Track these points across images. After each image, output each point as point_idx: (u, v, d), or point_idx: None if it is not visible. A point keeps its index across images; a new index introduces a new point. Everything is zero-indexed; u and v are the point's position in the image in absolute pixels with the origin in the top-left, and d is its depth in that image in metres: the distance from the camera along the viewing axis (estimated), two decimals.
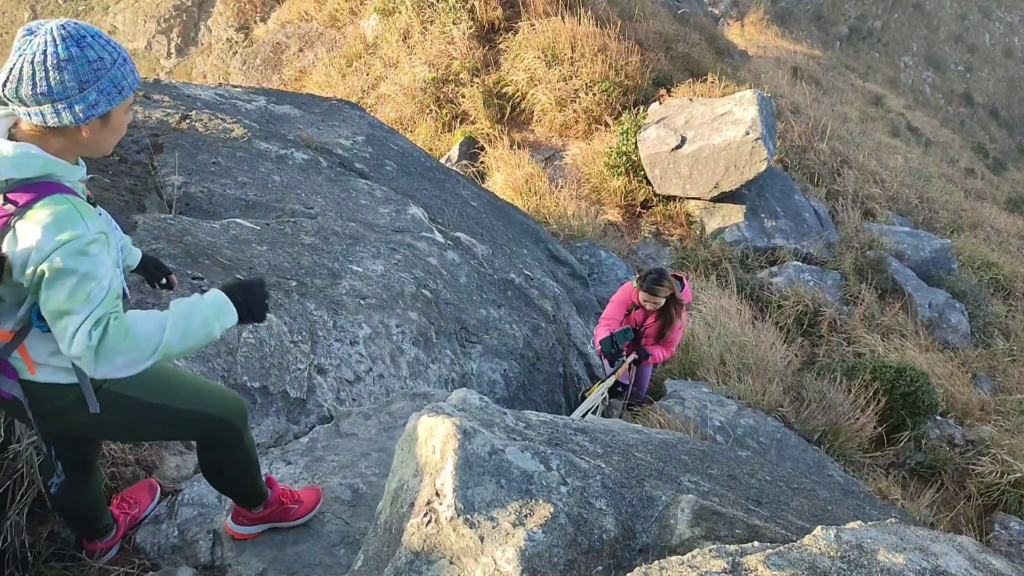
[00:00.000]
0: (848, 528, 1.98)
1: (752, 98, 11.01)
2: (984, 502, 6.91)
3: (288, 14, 20.35)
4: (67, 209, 1.95)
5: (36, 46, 1.88)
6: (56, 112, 1.92)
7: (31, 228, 1.91)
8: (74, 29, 1.91)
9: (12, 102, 1.93)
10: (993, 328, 10.89)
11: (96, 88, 1.95)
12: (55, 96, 1.90)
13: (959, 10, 38.59)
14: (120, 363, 1.99)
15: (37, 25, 1.92)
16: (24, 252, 1.92)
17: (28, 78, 1.88)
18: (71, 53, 1.90)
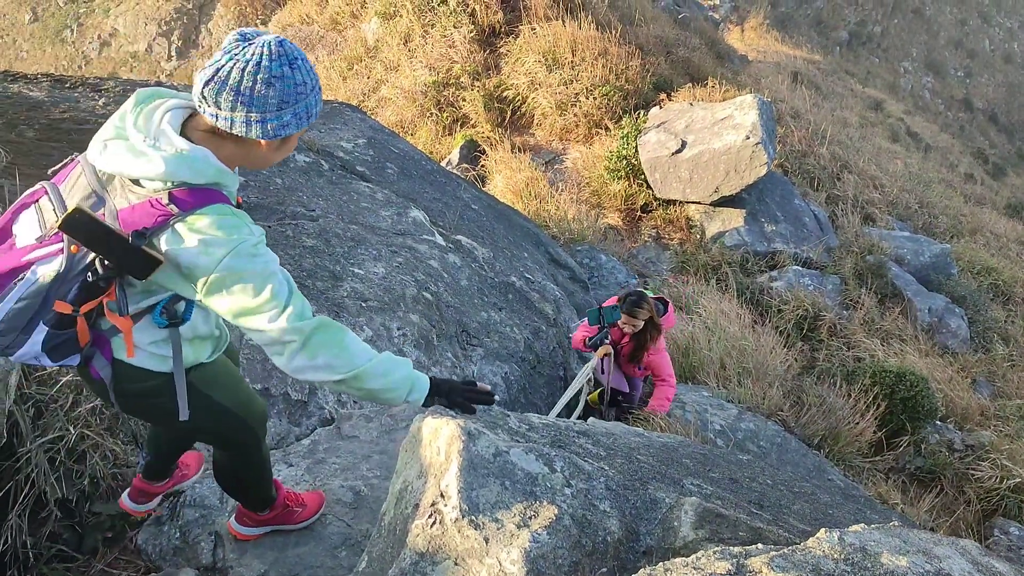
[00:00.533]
0: (851, 531, 1.99)
1: (752, 103, 11.02)
2: (984, 507, 6.91)
3: (289, 17, 20.37)
4: (229, 218, 1.99)
5: (251, 55, 1.90)
6: (247, 122, 1.95)
7: (195, 237, 1.95)
8: (289, 49, 1.96)
9: (205, 102, 1.94)
10: (993, 333, 10.90)
11: (292, 110, 1.99)
12: (254, 107, 1.93)
13: (959, 15, 38.66)
14: (320, 362, 2.06)
15: (253, 33, 1.96)
16: (186, 256, 1.96)
17: (234, 83, 1.90)
18: (283, 71, 1.93)
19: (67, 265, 1.97)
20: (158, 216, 1.94)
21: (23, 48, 28.58)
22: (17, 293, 1.97)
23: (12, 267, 1.97)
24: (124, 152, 1.94)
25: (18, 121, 5.48)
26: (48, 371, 3.29)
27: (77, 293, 2.01)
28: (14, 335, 2.02)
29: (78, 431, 3.23)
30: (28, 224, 2.03)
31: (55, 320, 2.02)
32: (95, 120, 5.84)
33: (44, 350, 2.07)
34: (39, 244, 1.98)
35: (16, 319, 1.99)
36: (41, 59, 27.61)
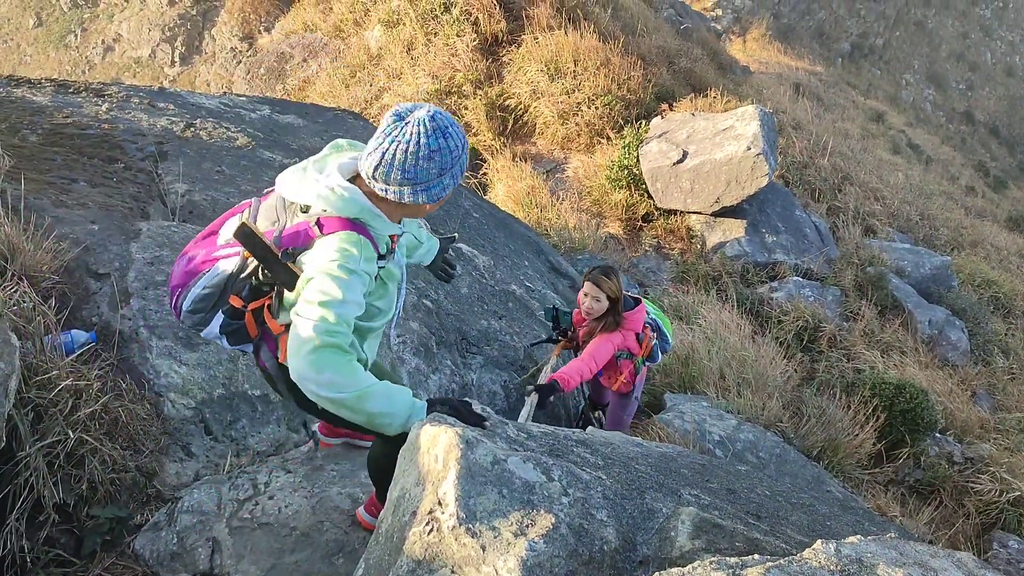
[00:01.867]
0: (848, 542, 1.98)
1: (754, 113, 11.04)
2: (983, 520, 6.90)
3: (292, 24, 20.42)
4: (355, 242, 2.28)
5: (409, 135, 2.18)
6: (414, 193, 2.27)
7: (320, 251, 2.27)
8: (441, 121, 2.22)
9: (376, 181, 2.26)
10: (993, 346, 10.90)
11: (450, 174, 2.30)
12: (419, 181, 2.23)
13: (960, 29, 38.75)
14: (325, 378, 2.24)
15: (406, 111, 2.22)
16: (308, 259, 2.30)
17: (399, 165, 2.20)
18: (439, 145, 2.21)
19: (240, 266, 2.44)
20: (305, 238, 2.30)
21: (27, 52, 28.66)
22: (205, 281, 2.48)
23: (206, 259, 2.48)
24: (300, 182, 2.33)
25: (21, 126, 5.50)
26: (48, 375, 3.29)
27: (247, 292, 2.48)
28: (203, 315, 2.54)
29: (77, 435, 3.23)
30: (229, 228, 2.47)
31: (229, 310, 2.50)
32: (98, 125, 5.86)
33: (221, 333, 2.54)
34: (227, 245, 2.46)
35: (204, 302, 2.51)
36: (45, 64, 27.68)
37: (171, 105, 6.83)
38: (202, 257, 2.50)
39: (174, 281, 2.58)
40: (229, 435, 3.83)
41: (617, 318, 4.57)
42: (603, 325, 4.58)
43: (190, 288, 2.51)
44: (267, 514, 3.38)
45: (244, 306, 2.48)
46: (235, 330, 2.53)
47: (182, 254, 2.58)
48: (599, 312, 4.57)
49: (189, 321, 2.59)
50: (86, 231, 4.41)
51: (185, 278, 2.53)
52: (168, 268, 4.38)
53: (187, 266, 2.53)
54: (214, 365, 3.98)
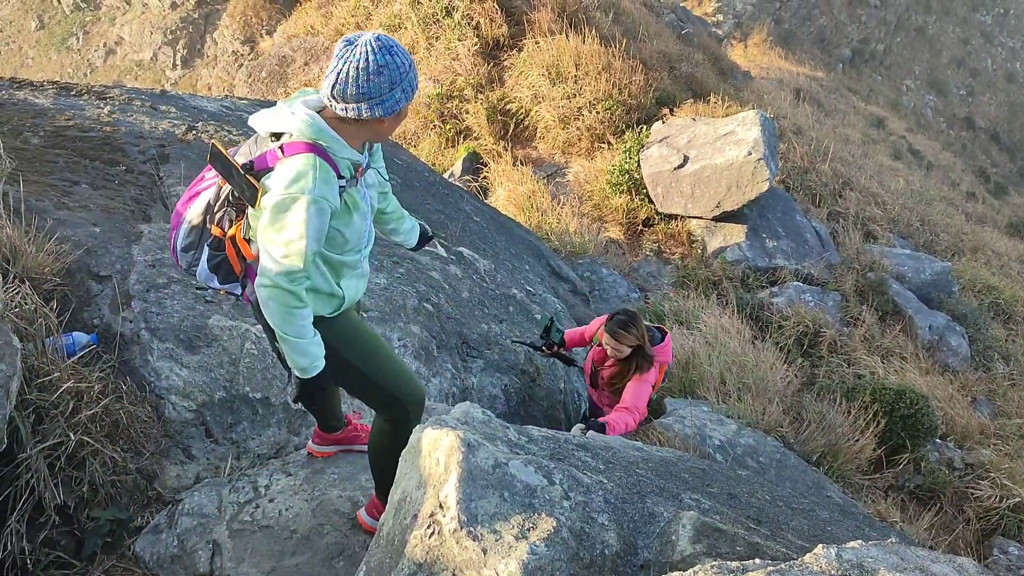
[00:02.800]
0: (849, 547, 1.99)
1: (755, 119, 11.05)
2: (983, 526, 6.90)
3: (294, 28, 20.44)
4: (309, 166, 2.43)
5: (359, 54, 2.38)
6: (370, 108, 2.43)
7: (279, 172, 2.43)
8: (386, 41, 2.42)
9: (334, 100, 2.43)
10: (993, 352, 10.89)
11: (400, 88, 2.45)
12: (371, 95, 2.40)
13: (961, 35, 38.80)
14: (269, 310, 2.56)
15: (355, 37, 2.42)
16: (266, 182, 2.46)
17: (352, 81, 2.38)
18: (386, 61, 2.39)
19: (216, 193, 2.60)
20: (272, 159, 2.46)
21: (29, 55, 28.69)
22: (190, 213, 2.64)
23: (190, 196, 2.68)
24: (269, 116, 2.53)
25: (23, 128, 5.51)
26: (49, 377, 3.29)
27: (223, 220, 2.60)
28: (194, 252, 2.67)
29: (78, 437, 3.23)
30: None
31: (212, 242, 2.62)
32: (100, 128, 5.87)
33: (210, 269, 2.65)
34: (203, 179, 2.67)
35: (192, 236, 2.65)
36: (47, 66, 27.71)
37: (173, 108, 6.85)
38: (188, 196, 2.70)
39: (172, 223, 2.77)
40: (230, 438, 3.83)
41: (648, 360, 4.51)
42: (635, 367, 4.52)
43: (179, 226, 2.69)
44: (267, 517, 3.39)
45: (223, 234, 2.61)
46: (220, 263, 2.66)
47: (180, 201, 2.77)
48: (624, 355, 4.54)
49: (185, 261, 2.73)
50: (88, 233, 4.41)
51: (176, 218, 2.72)
52: (169, 271, 4.39)
53: (177, 207, 2.74)
54: (215, 368, 3.98)
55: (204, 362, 3.98)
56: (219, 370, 3.99)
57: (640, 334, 4.46)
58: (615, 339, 4.45)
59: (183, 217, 2.71)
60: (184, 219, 2.69)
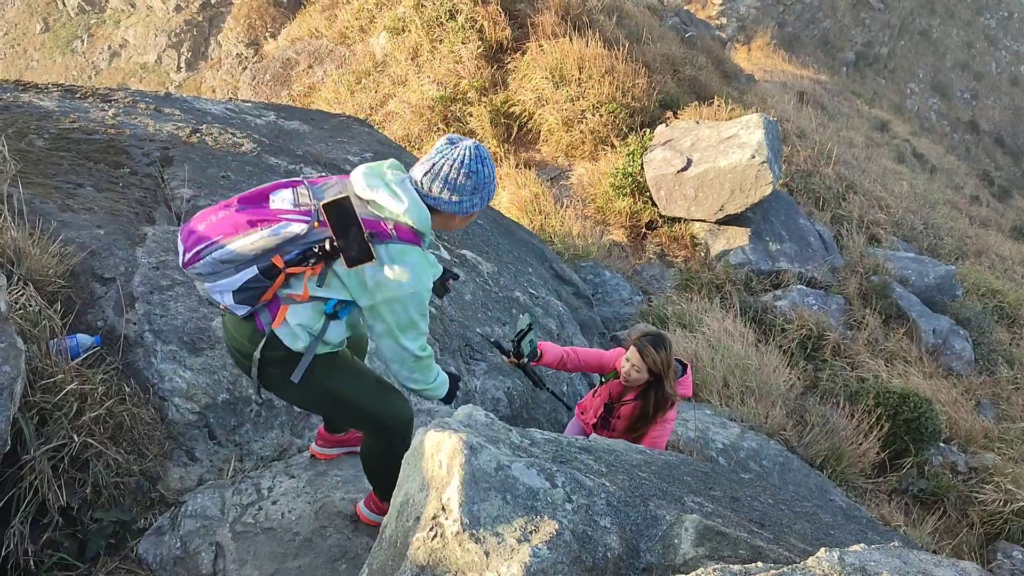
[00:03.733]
0: (852, 551, 1.98)
1: (758, 122, 11.04)
2: (987, 531, 6.88)
3: (298, 31, 20.48)
4: (425, 264, 2.74)
5: (456, 155, 2.70)
6: (450, 204, 2.74)
7: (396, 264, 2.66)
8: (482, 151, 2.75)
9: (423, 186, 2.72)
10: (997, 356, 10.87)
11: (480, 195, 2.78)
12: (458, 192, 2.72)
13: (965, 38, 38.77)
14: (416, 376, 2.93)
15: (457, 139, 2.76)
16: (384, 273, 2.66)
17: (444, 176, 2.69)
18: (476, 168, 2.72)
19: (306, 232, 2.64)
20: (383, 235, 2.65)
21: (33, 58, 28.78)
22: (262, 233, 2.62)
23: (264, 218, 2.64)
24: (384, 190, 2.67)
25: (28, 130, 5.52)
26: (53, 379, 3.30)
27: (294, 257, 2.66)
28: (232, 267, 2.67)
29: (81, 439, 3.24)
30: (283, 198, 2.69)
31: (266, 268, 2.65)
32: (104, 130, 5.88)
33: (238, 288, 2.68)
34: (294, 210, 2.66)
35: (244, 255, 2.64)
36: (51, 69, 27.79)
37: (177, 111, 6.86)
38: (260, 216, 2.65)
39: (213, 231, 2.66)
40: (233, 440, 3.84)
41: (668, 396, 4.09)
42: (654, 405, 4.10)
43: (239, 237, 2.63)
44: (270, 519, 3.39)
45: (283, 268, 2.66)
46: (254, 289, 2.70)
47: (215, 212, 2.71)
48: (637, 383, 4.11)
49: (207, 269, 2.69)
50: (92, 236, 4.42)
51: (232, 229, 2.64)
52: (173, 273, 4.39)
53: (235, 219, 2.65)
54: (218, 370, 3.99)
55: (207, 364, 3.98)
56: (222, 372, 4.00)
57: (662, 361, 4.01)
58: (641, 356, 4.01)
59: (250, 231, 2.65)
60: (251, 235, 2.63)
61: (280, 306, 2.75)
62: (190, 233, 2.71)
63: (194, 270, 2.73)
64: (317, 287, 2.71)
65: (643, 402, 4.12)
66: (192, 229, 2.71)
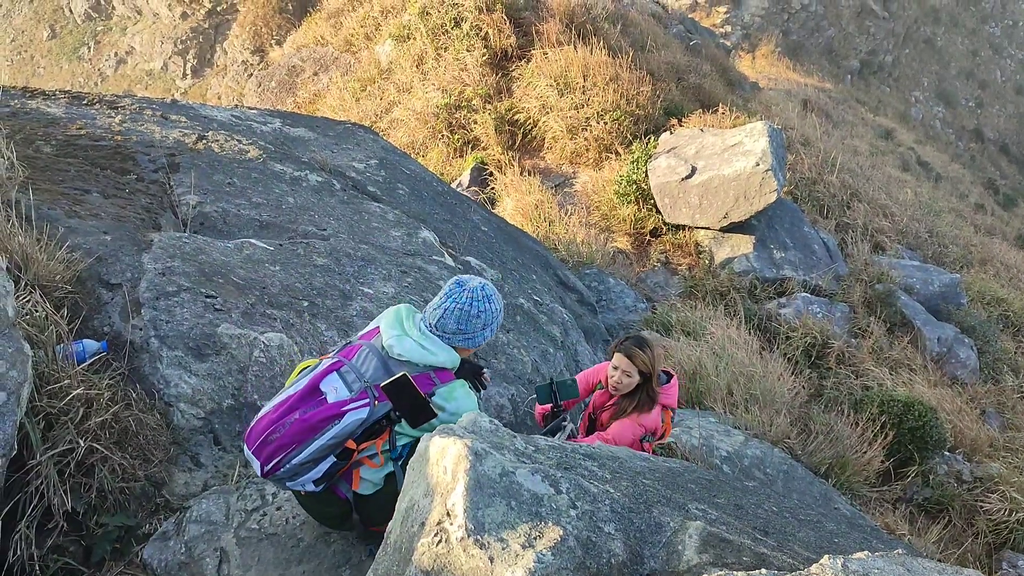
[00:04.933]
0: (855, 558, 1.98)
1: (763, 129, 11.05)
2: (992, 540, 6.85)
3: (304, 38, 20.57)
4: (466, 389, 3.01)
5: (464, 298, 2.99)
6: (463, 340, 3.03)
7: (453, 399, 2.93)
8: (489, 291, 3.06)
9: (436, 328, 3.00)
10: (1002, 364, 10.84)
11: (489, 329, 3.08)
12: (467, 332, 3.01)
13: (970, 46, 38.77)
14: None
15: (465, 280, 3.06)
16: (449, 410, 2.90)
17: (456, 319, 2.98)
18: (484, 308, 3.02)
19: (369, 414, 2.83)
20: (429, 384, 2.89)
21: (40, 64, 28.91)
22: (333, 431, 2.80)
23: (330, 415, 2.80)
24: (417, 349, 2.93)
25: (35, 137, 5.55)
26: (60, 384, 3.31)
27: (363, 436, 2.87)
28: (312, 465, 2.83)
29: (87, 444, 3.25)
30: (335, 387, 2.86)
31: (343, 453, 2.85)
32: (111, 137, 5.91)
33: (320, 476, 2.85)
34: (351, 398, 2.83)
35: (321, 452, 2.81)
36: (58, 76, 27.91)
37: (183, 117, 6.89)
38: (325, 414, 2.81)
39: (287, 441, 2.81)
40: (238, 445, 3.85)
41: (652, 395, 4.04)
42: (636, 403, 4.04)
43: (312, 441, 2.79)
44: (275, 525, 3.39)
45: (356, 448, 2.87)
46: (333, 472, 2.88)
47: (276, 419, 2.84)
48: (628, 388, 4.03)
49: (289, 474, 2.85)
50: (98, 242, 4.44)
51: (305, 435, 2.80)
52: (179, 279, 4.40)
53: (304, 424, 2.81)
54: (224, 376, 4.00)
55: (213, 370, 3.99)
56: (227, 378, 4.00)
57: (651, 360, 3.97)
58: (630, 358, 3.96)
59: (318, 434, 2.81)
60: (321, 436, 2.80)
61: (353, 471, 2.94)
62: (263, 445, 2.83)
63: (275, 477, 2.88)
64: (390, 451, 2.95)
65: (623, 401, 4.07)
66: (264, 441, 2.83)
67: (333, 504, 3.05)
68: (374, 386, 2.84)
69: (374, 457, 2.93)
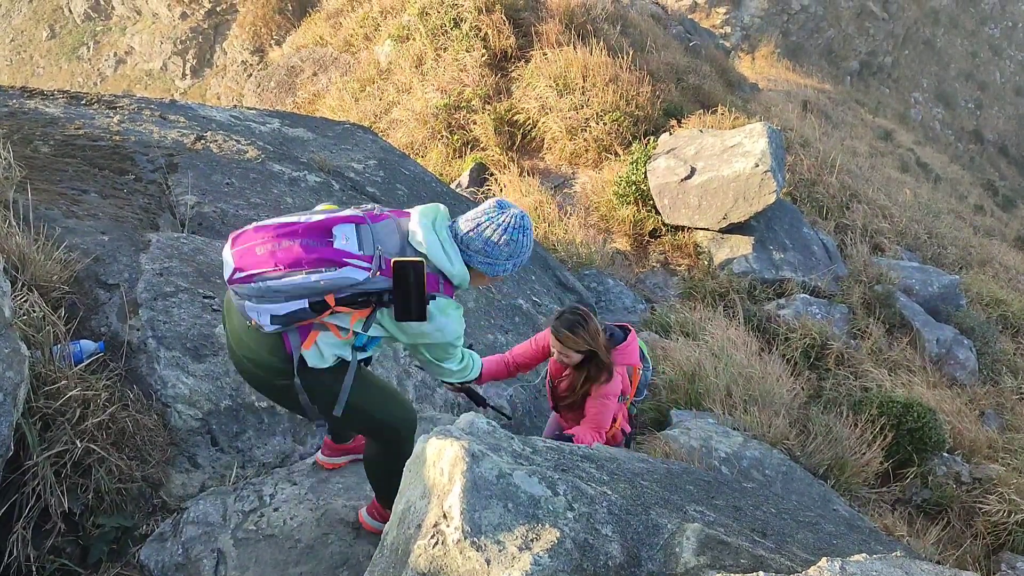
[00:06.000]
0: (853, 560, 1.98)
1: (762, 130, 11.05)
2: (991, 541, 6.84)
3: (303, 39, 20.56)
4: (459, 313, 2.91)
5: (503, 220, 2.88)
6: (483, 263, 2.91)
7: (445, 315, 2.83)
8: (527, 221, 2.94)
9: (463, 242, 2.88)
10: (1001, 365, 10.82)
11: (513, 261, 2.95)
12: (491, 255, 2.89)
13: (969, 48, 38.77)
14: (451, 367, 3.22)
15: (507, 204, 2.95)
16: (432, 324, 2.81)
17: (487, 237, 2.86)
18: (517, 237, 2.89)
19: (365, 280, 2.68)
20: (434, 286, 2.76)
21: (39, 64, 28.90)
22: (323, 276, 2.64)
23: (329, 259, 2.65)
24: (438, 247, 2.80)
25: (34, 137, 5.55)
26: (56, 385, 3.31)
27: (346, 298, 2.70)
28: (283, 297, 2.68)
29: (84, 445, 3.24)
30: (347, 236, 2.71)
31: (317, 304, 2.69)
32: (109, 137, 5.90)
33: (282, 314, 2.69)
34: (358, 255, 2.68)
35: (299, 291, 2.66)
36: (57, 75, 27.90)
37: (182, 118, 6.88)
38: (323, 255, 2.66)
39: (272, 260, 2.66)
40: (235, 446, 3.84)
41: (604, 366, 3.80)
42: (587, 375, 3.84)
43: (299, 274, 2.64)
44: (272, 526, 3.39)
45: (333, 306, 2.70)
46: (296, 317, 2.73)
47: (273, 235, 2.69)
48: (575, 362, 3.83)
49: (254, 293, 2.68)
50: (96, 242, 4.44)
51: (294, 263, 2.64)
52: (176, 279, 4.40)
53: (299, 254, 2.65)
54: (221, 376, 3.99)
55: (210, 371, 3.99)
56: (225, 379, 4.00)
57: (590, 338, 3.71)
58: (561, 342, 3.73)
59: (313, 271, 2.66)
60: (314, 275, 2.65)
61: (312, 331, 2.79)
62: (247, 253, 2.69)
63: (239, 288, 2.72)
64: (362, 329, 2.80)
65: (576, 372, 3.88)
66: (250, 250, 2.69)
67: (269, 347, 2.83)
68: (385, 258, 2.70)
69: (343, 331, 2.79)
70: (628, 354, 3.97)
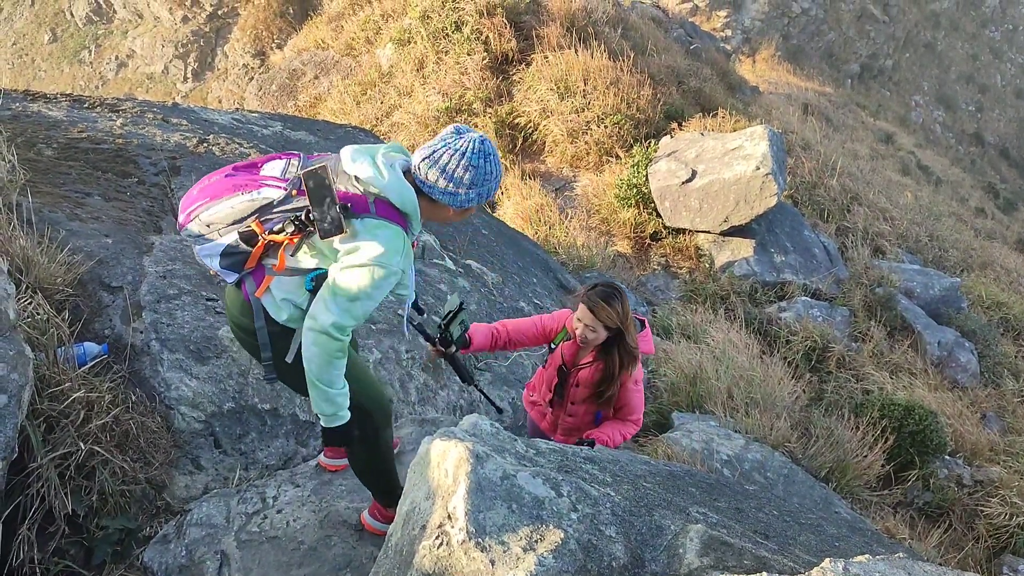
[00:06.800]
0: (856, 561, 1.98)
1: (763, 133, 11.06)
2: (993, 544, 6.84)
3: (304, 42, 20.59)
4: (399, 242, 2.65)
5: (460, 146, 2.64)
6: (444, 192, 2.68)
7: (371, 237, 2.60)
8: (488, 147, 2.69)
9: (420, 171, 2.67)
10: (1003, 368, 10.83)
11: (477, 191, 2.70)
12: (454, 182, 2.65)
13: (970, 51, 38.79)
14: (315, 352, 2.67)
15: (465, 129, 2.70)
16: (355, 242, 2.60)
17: (444, 163, 2.64)
18: (479, 163, 2.65)
19: (281, 199, 2.66)
20: (361, 207, 2.60)
21: (41, 68, 28.94)
22: (242, 198, 2.67)
23: (248, 182, 2.69)
24: (368, 165, 2.63)
25: (37, 140, 5.55)
26: (60, 387, 3.31)
27: (274, 226, 2.67)
28: (216, 230, 2.70)
29: (88, 447, 3.25)
30: (274, 167, 2.75)
31: (246, 235, 2.68)
32: (112, 140, 5.91)
33: (222, 253, 2.73)
34: (274, 177, 2.70)
35: (228, 217, 2.68)
36: (59, 79, 27.93)
37: (184, 121, 6.90)
38: (245, 180, 2.71)
39: (203, 194, 2.72)
40: (238, 448, 3.85)
41: (631, 350, 3.54)
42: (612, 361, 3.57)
43: (222, 200, 2.68)
44: (275, 528, 3.40)
45: (263, 234, 2.68)
46: (237, 255, 2.74)
47: (211, 176, 2.77)
48: (595, 342, 3.56)
49: (196, 231, 2.74)
50: (100, 244, 4.45)
51: (219, 191, 2.70)
52: (179, 282, 4.41)
53: (224, 183, 2.71)
54: (224, 379, 4.00)
55: (213, 373, 4.00)
56: (228, 381, 4.01)
57: (618, 316, 3.44)
58: (593, 313, 3.44)
59: (233, 195, 2.70)
60: (234, 198, 2.69)
61: (265, 276, 2.78)
62: (188, 196, 2.78)
63: (187, 232, 2.78)
64: (291, 256, 2.74)
65: (606, 360, 3.58)
66: (190, 192, 2.78)
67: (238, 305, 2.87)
68: (300, 175, 2.63)
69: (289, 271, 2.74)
70: (647, 344, 3.73)
